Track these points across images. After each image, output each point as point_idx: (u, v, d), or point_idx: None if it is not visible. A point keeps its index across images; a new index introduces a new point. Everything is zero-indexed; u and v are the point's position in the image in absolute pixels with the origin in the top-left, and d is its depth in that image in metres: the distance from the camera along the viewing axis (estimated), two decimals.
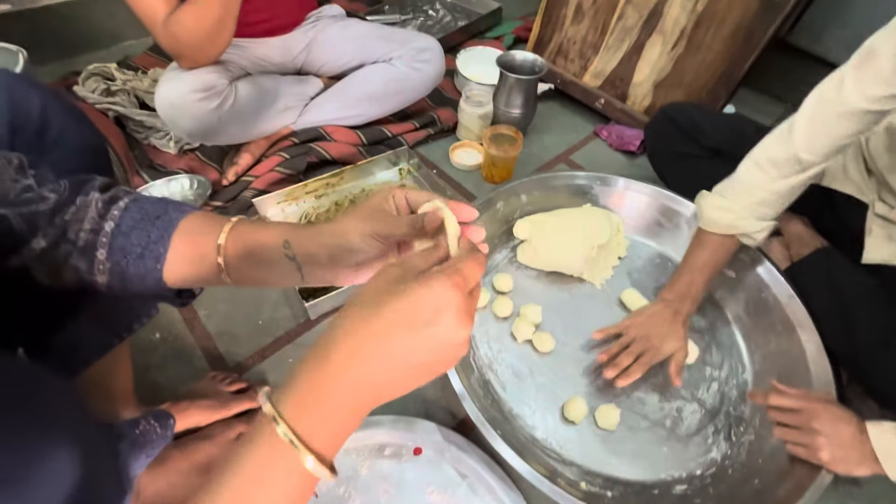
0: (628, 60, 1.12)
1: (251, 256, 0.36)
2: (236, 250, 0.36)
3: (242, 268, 0.37)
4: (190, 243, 0.37)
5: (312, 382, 0.26)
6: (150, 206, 0.37)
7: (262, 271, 0.37)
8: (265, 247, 0.36)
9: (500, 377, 0.71)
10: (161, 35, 0.73)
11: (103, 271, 0.36)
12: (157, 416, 0.44)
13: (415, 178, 1.00)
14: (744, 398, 0.69)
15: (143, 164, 0.93)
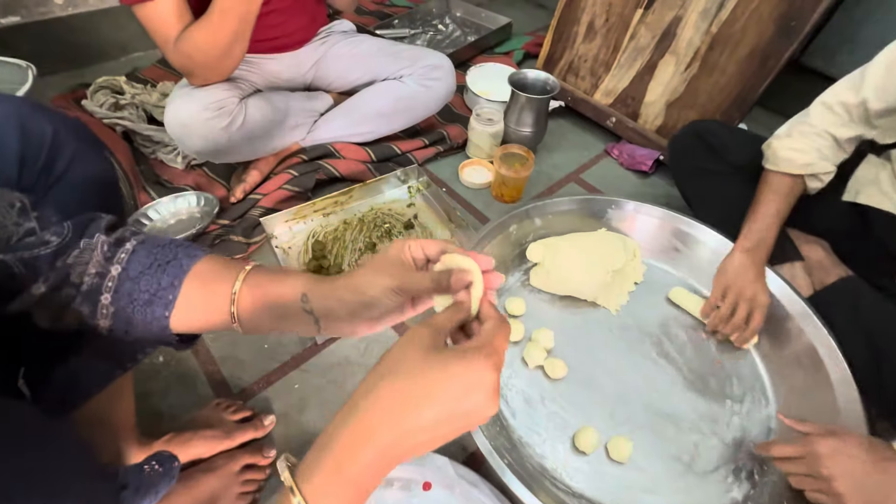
0: (640, 80, 1.11)
1: (267, 307, 0.35)
2: (251, 300, 0.35)
3: (256, 318, 0.36)
4: (202, 291, 0.36)
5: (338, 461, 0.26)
6: (160, 251, 0.36)
7: (277, 322, 0.36)
8: (282, 299, 0.35)
9: (511, 404, 0.68)
10: (173, 54, 0.72)
11: (106, 315, 0.35)
12: (160, 460, 0.42)
13: (424, 197, 0.99)
14: (767, 434, 0.67)
15: (150, 180, 0.92)
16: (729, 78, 0.96)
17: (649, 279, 0.85)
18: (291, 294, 0.35)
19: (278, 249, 0.85)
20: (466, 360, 0.27)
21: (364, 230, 0.91)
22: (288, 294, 0.35)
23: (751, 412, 0.69)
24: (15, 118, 0.39)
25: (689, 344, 0.77)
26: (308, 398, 0.68)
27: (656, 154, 1.07)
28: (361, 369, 0.71)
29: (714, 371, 0.73)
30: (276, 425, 0.65)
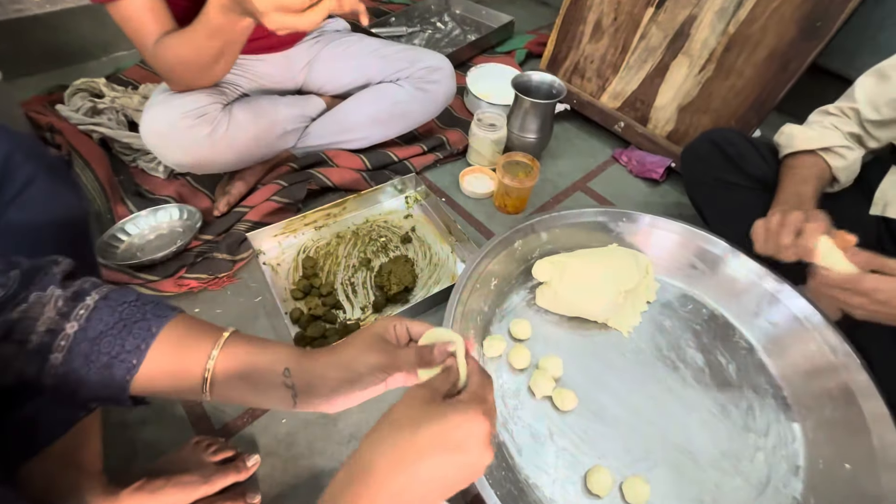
0: (650, 82, 1.05)
1: (244, 378, 0.34)
2: (227, 370, 0.34)
3: (230, 389, 0.34)
4: (171, 356, 0.34)
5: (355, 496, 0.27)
6: (126, 308, 0.34)
7: (250, 394, 0.35)
8: (263, 371, 0.35)
9: (517, 439, 0.63)
10: (151, 59, 0.66)
11: (54, 376, 0.32)
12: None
13: (422, 207, 0.93)
14: (795, 472, 0.61)
15: (129, 191, 0.86)
16: (746, 81, 0.91)
17: (662, 298, 0.80)
18: (273, 367, 0.34)
19: (266, 266, 0.80)
20: (461, 410, 0.29)
21: (358, 244, 0.85)
22: (269, 366, 0.34)
23: (776, 448, 0.64)
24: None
25: (707, 370, 0.71)
26: (297, 434, 0.62)
27: (668, 161, 1.02)
28: None
29: (734, 400, 0.68)
30: (260, 465, 0.59)
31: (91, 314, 0.33)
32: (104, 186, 0.81)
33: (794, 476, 0.61)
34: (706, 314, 0.78)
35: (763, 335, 0.73)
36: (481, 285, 0.73)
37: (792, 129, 0.74)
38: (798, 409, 0.67)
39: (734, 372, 0.71)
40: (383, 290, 0.76)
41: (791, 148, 0.73)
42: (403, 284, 0.75)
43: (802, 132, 0.73)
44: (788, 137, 0.74)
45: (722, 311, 0.78)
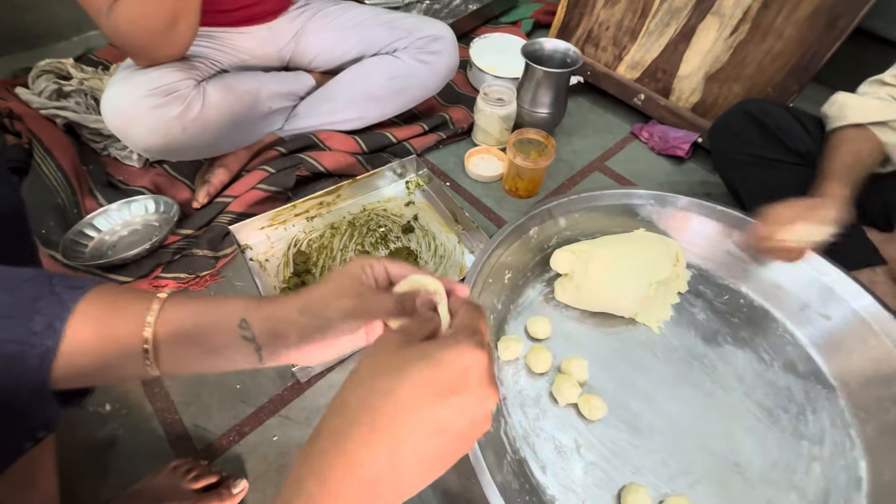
0: (674, 49, 0.95)
1: (195, 341, 0.29)
2: (173, 333, 0.29)
3: (180, 355, 0.29)
4: (99, 330, 0.28)
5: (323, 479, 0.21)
6: (28, 287, 0.27)
7: (207, 358, 0.30)
8: (215, 327, 0.29)
9: (539, 454, 0.56)
10: (105, 28, 0.57)
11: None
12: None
13: (424, 193, 0.84)
14: (857, 486, 0.54)
15: (99, 182, 0.77)
16: (786, 43, 0.81)
17: (694, 289, 0.71)
18: (226, 321, 0.29)
19: (253, 263, 0.72)
20: (450, 346, 0.23)
21: (355, 236, 0.77)
22: (222, 322, 0.29)
23: (833, 457, 0.56)
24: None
25: (749, 368, 0.63)
26: (290, 454, 0.55)
27: (693, 136, 0.92)
28: None
29: (783, 403, 0.60)
30: (249, 491, 0.52)
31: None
32: (69, 177, 0.73)
33: (857, 490, 0.54)
34: (744, 305, 0.70)
35: (813, 330, 0.65)
36: (494, 280, 0.65)
37: (846, 98, 0.65)
38: (856, 412, 0.59)
39: (780, 371, 0.63)
40: None
41: (843, 120, 0.64)
42: None
43: (859, 102, 0.64)
44: (841, 108, 0.65)
45: (762, 301, 0.70)
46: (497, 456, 0.50)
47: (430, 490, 0.53)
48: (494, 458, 0.49)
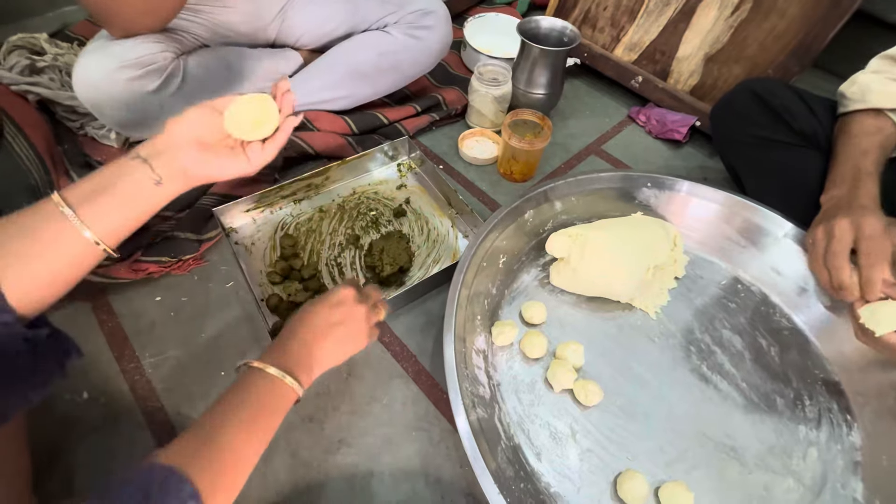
0: (673, 29, 0.93)
1: (98, 182, 0.36)
2: (79, 189, 0.35)
3: (96, 202, 0.35)
4: (14, 221, 0.33)
5: (277, 345, 0.42)
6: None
7: (118, 195, 0.36)
8: (110, 168, 0.37)
9: (534, 441, 0.54)
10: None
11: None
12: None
13: (417, 176, 0.82)
14: (854, 469, 0.53)
15: (76, 162, 0.74)
16: (790, 22, 0.78)
17: (691, 273, 0.70)
18: (117, 161, 0.37)
19: (238, 246, 0.69)
20: (337, 287, 0.47)
21: (345, 219, 0.74)
22: (112, 164, 0.37)
23: (830, 441, 0.56)
24: None
25: (747, 353, 0.63)
26: (276, 441, 0.53)
27: (692, 120, 0.90)
28: (345, 401, 0.57)
29: (780, 388, 0.59)
30: None
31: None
32: (42, 156, 0.69)
33: (854, 475, 0.53)
34: (742, 290, 0.69)
35: (811, 314, 0.64)
36: (488, 264, 0.63)
37: (867, 80, 0.61)
38: (854, 396, 0.59)
39: (777, 356, 0.62)
40: (375, 270, 0.66)
41: (861, 103, 0.60)
42: (398, 264, 0.65)
43: (881, 86, 0.59)
44: (862, 90, 0.60)
45: (760, 286, 0.69)
46: (491, 443, 0.49)
47: (423, 479, 0.52)
48: (488, 446, 0.48)
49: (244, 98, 0.42)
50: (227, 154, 0.41)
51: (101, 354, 0.58)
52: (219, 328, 0.61)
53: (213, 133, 0.41)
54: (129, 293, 0.64)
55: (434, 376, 0.59)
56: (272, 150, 0.43)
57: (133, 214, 0.37)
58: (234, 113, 0.42)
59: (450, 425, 0.56)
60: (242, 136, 0.42)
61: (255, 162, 0.43)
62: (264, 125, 0.42)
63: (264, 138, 0.43)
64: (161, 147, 0.38)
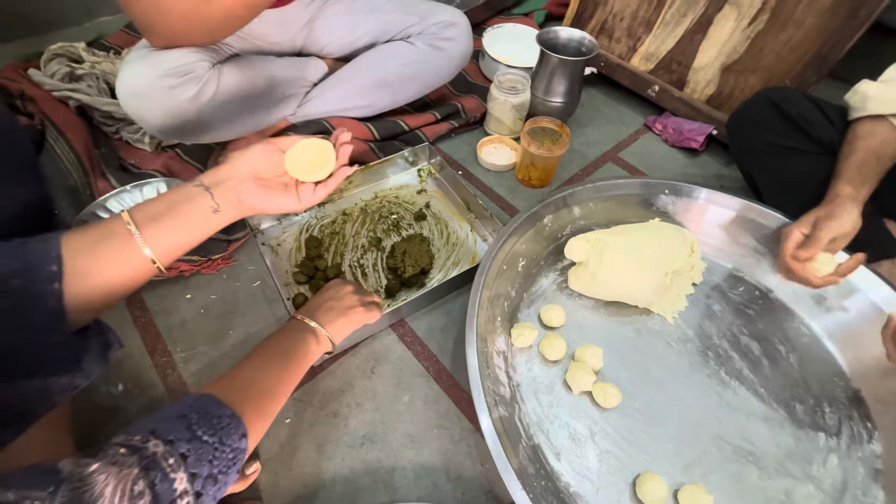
0: (689, 40, 0.94)
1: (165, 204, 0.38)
2: (149, 218, 0.36)
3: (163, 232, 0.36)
4: (88, 248, 0.34)
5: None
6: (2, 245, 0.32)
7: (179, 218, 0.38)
8: (177, 193, 0.39)
9: (553, 441, 0.55)
10: (136, 2, 0.56)
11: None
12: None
13: (437, 181, 0.84)
14: (875, 477, 0.53)
15: (112, 165, 0.77)
16: (806, 32, 0.79)
17: (708, 279, 0.71)
18: (184, 186, 0.39)
19: (265, 247, 0.71)
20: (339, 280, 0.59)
21: (367, 223, 0.76)
22: (181, 188, 0.39)
23: (851, 449, 0.56)
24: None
25: (765, 359, 0.63)
26: (302, 436, 0.55)
27: (708, 128, 0.91)
28: (368, 397, 0.58)
29: (799, 395, 0.60)
30: (262, 473, 0.52)
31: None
32: (81, 158, 0.72)
33: (875, 482, 0.53)
34: (760, 297, 0.69)
35: (830, 321, 0.65)
36: (508, 267, 0.64)
37: (868, 87, 0.63)
38: (874, 404, 0.59)
39: (796, 363, 0.63)
40: (397, 272, 0.68)
41: (863, 111, 0.63)
42: (420, 266, 0.67)
43: (882, 92, 0.62)
44: (863, 97, 0.63)
45: (778, 293, 0.69)
46: (512, 441, 0.50)
47: (445, 476, 0.53)
48: (510, 444, 0.49)
49: (306, 141, 0.44)
50: (281, 191, 0.43)
51: (134, 348, 0.61)
52: (246, 325, 0.64)
53: (271, 169, 0.43)
54: (161, 291, 0.66)
55: (454, 376, 0.61)
56: (322, 194, 0.45)
57: (189, 238, 0.39)
58: (295, 154, 0.43)
59: (470, 424, 0.57)
60: (298, 176, 0.43)
61: (304, 202, 0.44)
62: (321, 169, 0.44)
63: (317, 181, 0.45)
64: (223, 177, 0.40)
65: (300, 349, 0.46)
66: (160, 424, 0.30)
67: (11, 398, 0.37)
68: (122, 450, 0.27)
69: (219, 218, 0.40)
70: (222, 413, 0.35)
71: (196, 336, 0.62)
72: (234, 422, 0.35)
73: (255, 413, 0.38)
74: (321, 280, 0.67)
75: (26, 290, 0.31)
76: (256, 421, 0.38)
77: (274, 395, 0.41)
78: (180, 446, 0.30)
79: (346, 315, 0.52)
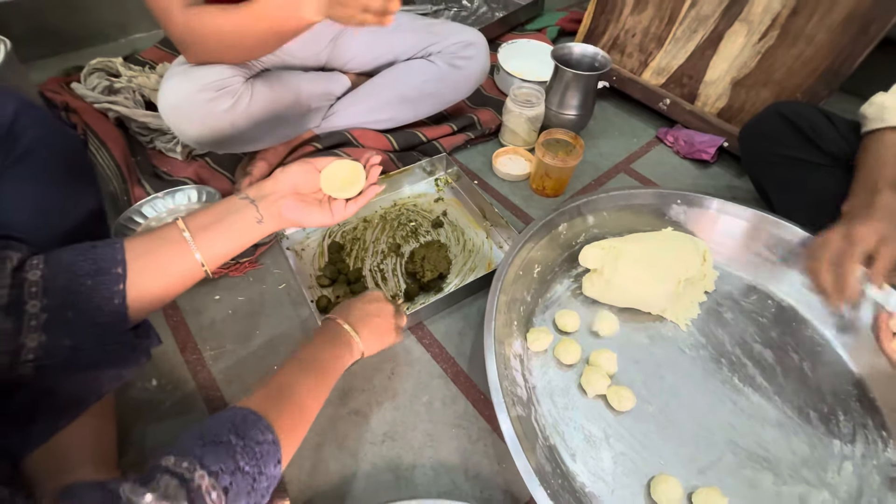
0: (700, 55, 0.96)
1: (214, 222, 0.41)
2: (199, 223, 0.40)
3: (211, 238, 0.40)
4: (147, 253, 0.37)
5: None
6: (76, 249, 0.36)
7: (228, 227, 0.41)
8: (224, 204, 0.43)
9: (569, 442, 0.57)
10: (177, 24, 0.60)
11: (37, 327, 0.33)
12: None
13: (453, 190, 0.87)
14: (891, 485, 0.54)
15: (146, 172, 0.81)
16: (817, 48, 0.81)
17: (721, 288, 0.72)
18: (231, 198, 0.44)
19: (290, 252, 0.75)
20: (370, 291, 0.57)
21: (387, 229, 0.79)
22: (228, 200, 0.43)
23: (866, 457, 0.56)
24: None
25: (779, 367, 0.64)
26: (325, 432, 0.57)
27: (719, 141, 0.93)
28: (388, 396, 0.60)
29: (813, 402, 0.60)
30: (287, 467, 0.54)
31: (47, 259, 0.34)
32: (120, 167, 0.77)
33: (891, 490, 0.53)
34: (772, 306, 0.70)
35: (843, 329, 0.65)
36: (524, 272, 0.66)
37: (885, 98, 0.64)
38: (889, 412, 0.59)
39: (810, 370, 0.63)
40: (415, 276, 0.70)
41: (880, 122, 0.63)
42: (438, 271, 0.69)
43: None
44: (880, 109, 0.63)
45: (791, 302, 0.70)
46: (529, 441, 0.51)
47: (463, 474, 0.55)
48: (528, 443, 0.50)
49: (339, 162, 0.49)
50: (316, 206, 0.47)
51: (167, 346, 0.64)
52: (272, 326, 0.66)
53: (308, 186, 0.47)
54: (191, 292, 0.69)
55: (472, 377, 0.63)
56: (353, 209, 0.49)
57: (235, 245, 0.42)
58: (329, 173, 0.48)
59: (487, 425, 0.59)
60: (332, 192, 0.48)
61: (336, 216, 0.48)
62: (352, 187, 0.48)
63: (348, 198, 0.49)
64: (267, 192, 0.45)
65: (337, 365, 0.47)
66: (207, 453, 0.31)
67: (71, 387, 0.41)
68: (173, 482, 0.28)
69: (261, 228, 0.44)
70: (265, 440, 0.35)
71: (224, 335, 0.65)
72: (273, 448, 0.35)
73: (292, 435, 0.39)
74: (343, 283, 0.70)
75: (95, 291, 0.34)
76: (292, 442, 0.39)
77: (310, 414, 0.42)
78: (223, 479, 0.30)
79: (383, 335, 0.52)
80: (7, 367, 0.33)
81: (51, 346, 0.33)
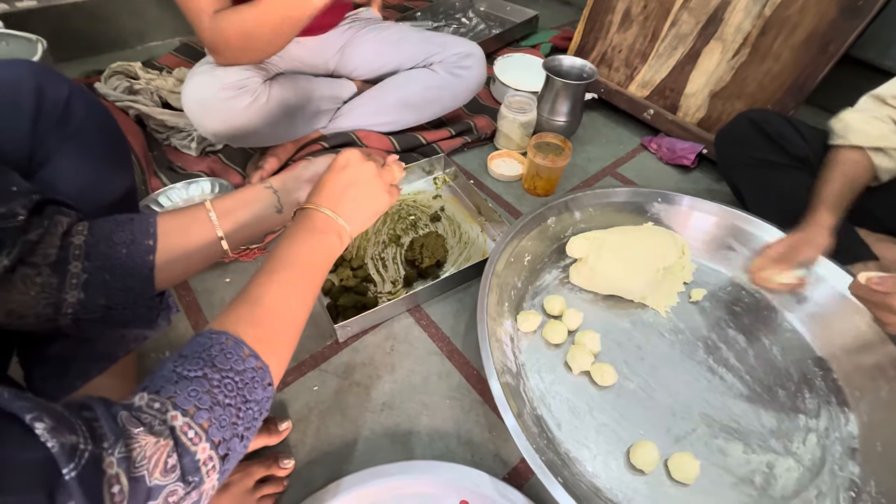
0: (681, 70, 1.04)
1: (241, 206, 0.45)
2: (226, 207, 0.44)
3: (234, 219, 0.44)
4: (177, 228, 0.41)
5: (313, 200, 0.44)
6: (115, 219, 0.40)
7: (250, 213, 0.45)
8: (248, 191, 0.46)
9: (555, 413, 0.61)
10: (206, 29, 0.66)
11: (77, 285, 0.36)
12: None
13: (451, 189, 0.92)
14: (851, 454, 0.58)
15: (162, 166, 0.87)
16: (783, 65, 0.89)
17: (699, 280, 0.77)
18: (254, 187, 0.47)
19: None
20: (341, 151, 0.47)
21: (388, 222, 0.85)
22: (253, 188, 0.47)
23: (829, 429, 0.61)
24: (32, 78, 0.40)
25: (750, 350, 0.69)
26: (328, 401, 0.61)
27: (699, 147, 1.00)
28: (387, 370, 0.65)
29: (781, 381, 0.65)
30: (292, 432, 0.58)
31: (92, 226, 0.38)
32: (140, 159, 0.82)
33: (851, 459, 0.58)
34: (746, 296, 0.75)
35: (808, 317, 0.70)
36: (515, 259, 0.71)
37: (850, 119, 0.70)
38: (850, 391, 0.64)
39: (779, 353, 0.68)
40: (414, 264, 0.75)
41: (844, 140, 0.70)
42: (436, 258, 0.74)
43: (862, 125, 0.69)
44: (845, 128, 0.70)
45: (764, 293, 0.75)
46: (518, 406, 0.56)
47: (456, 440, 0.58)
48: (516, 408, 0.54)
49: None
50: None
51: (179, 322, 0.68)
52: None
53: None
54: (203, 274, 0.74)
55: (465, 355, 0.67)
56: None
57: (254, 231, 0.45)
58: None
59: (479, 397, 0.63)
60: None
61: None
62: None
63: None
64: (289, 184, 0.48)
65: (319, 259, 0.40)
66: (181, 390, 0.28)
67: (102, 341, 0.45)
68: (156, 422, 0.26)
69: (280, 218, 0.47)
70: (246, 367, 0.31)
71: None
72: (258, 374, 0.31)
73: (279, 349, 0.34)
74: (347, 269, 0.75)
75: (129, 258, 0.38)
76: (281, 357, 0.35)
77: (299, 322, 0.38)
78: (199, 416, 0.28)
79: (370, 203, 0.45)
80: (50, 316, 0.37)
81: (88, 302, 0.37)
